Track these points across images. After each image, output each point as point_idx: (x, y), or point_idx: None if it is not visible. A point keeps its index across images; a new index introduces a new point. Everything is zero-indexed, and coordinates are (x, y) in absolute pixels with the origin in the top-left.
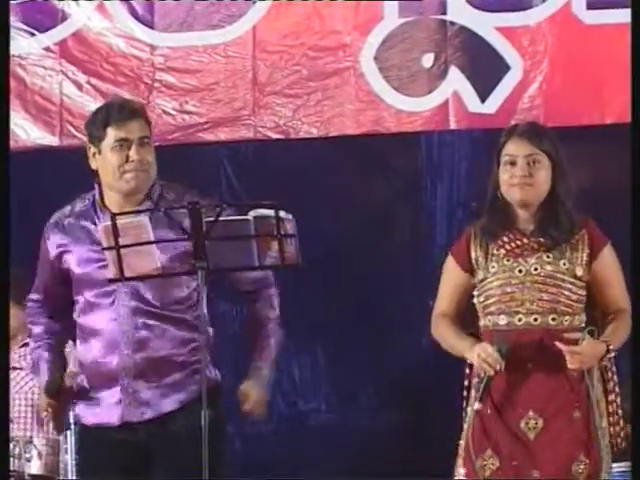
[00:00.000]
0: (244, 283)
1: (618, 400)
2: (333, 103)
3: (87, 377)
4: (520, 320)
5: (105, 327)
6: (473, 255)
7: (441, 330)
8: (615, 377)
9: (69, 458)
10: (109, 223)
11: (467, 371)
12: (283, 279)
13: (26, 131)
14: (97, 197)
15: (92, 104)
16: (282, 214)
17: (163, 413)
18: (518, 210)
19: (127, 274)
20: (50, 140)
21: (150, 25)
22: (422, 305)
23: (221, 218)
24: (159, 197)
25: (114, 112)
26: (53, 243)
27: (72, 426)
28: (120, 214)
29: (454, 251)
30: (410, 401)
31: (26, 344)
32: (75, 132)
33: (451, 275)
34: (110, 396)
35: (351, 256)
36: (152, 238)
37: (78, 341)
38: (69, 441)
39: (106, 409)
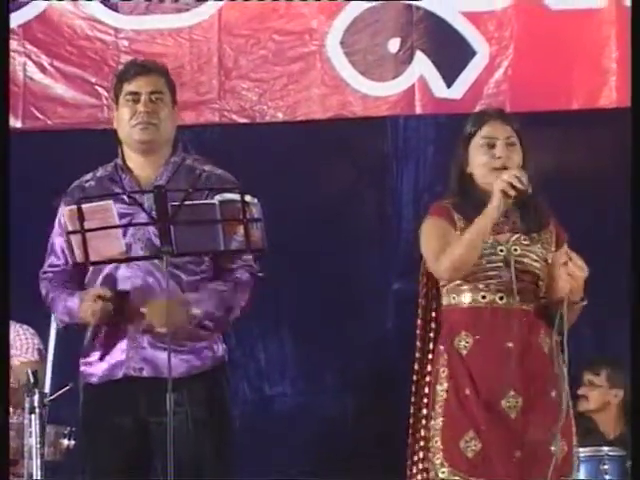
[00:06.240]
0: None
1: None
2: (299, 87)
3: (103, 337)
4: (484, 298)
5: (120, 284)
6: (456, 218)
7: (458, 243)
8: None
9: (33, 442)
10: (74, 207)
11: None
12: None
13: None
14: (119, 159)
15: (55, 87)
16: (248, 198)
17: (159, 377)
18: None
19: (92, 258)
20: (13, 122)
21: (114, 8)
22: (387, 288)
23: (186, 202)
24: (180, 164)
25: (129, 68)
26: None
27: (37, 409)
28: (85, 198)
29: (436, 212)
30: (376, 384)
31: None
32: (38, 114)
33: (442, 231)
34: (118, 349)
35: (317, 240)
36: (117, 222)
37: None
38: (33, 425)
39: (112, 362)
